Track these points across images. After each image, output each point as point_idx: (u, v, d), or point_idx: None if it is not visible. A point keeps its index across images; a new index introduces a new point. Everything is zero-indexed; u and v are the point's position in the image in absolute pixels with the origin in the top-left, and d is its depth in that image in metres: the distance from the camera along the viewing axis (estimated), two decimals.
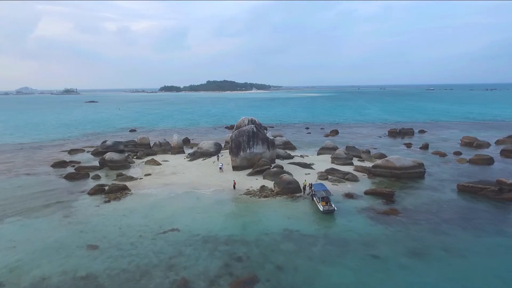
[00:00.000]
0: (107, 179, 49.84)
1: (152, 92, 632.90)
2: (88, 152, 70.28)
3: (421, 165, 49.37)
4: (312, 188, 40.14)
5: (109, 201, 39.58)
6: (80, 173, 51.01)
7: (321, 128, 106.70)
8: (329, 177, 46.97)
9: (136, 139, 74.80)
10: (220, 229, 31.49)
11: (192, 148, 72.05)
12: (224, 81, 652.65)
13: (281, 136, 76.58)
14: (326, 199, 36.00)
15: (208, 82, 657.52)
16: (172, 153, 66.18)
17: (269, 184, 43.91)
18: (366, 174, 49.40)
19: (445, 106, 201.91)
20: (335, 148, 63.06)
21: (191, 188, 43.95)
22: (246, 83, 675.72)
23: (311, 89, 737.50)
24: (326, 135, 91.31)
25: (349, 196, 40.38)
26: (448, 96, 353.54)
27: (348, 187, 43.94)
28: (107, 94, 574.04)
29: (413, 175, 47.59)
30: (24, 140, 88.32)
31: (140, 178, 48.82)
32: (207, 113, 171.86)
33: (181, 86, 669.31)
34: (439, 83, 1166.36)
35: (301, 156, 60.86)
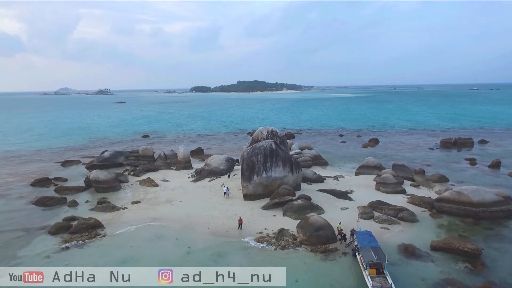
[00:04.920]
0: (86, 206, 39.41)
1: (183, 92, 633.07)
2: (83, 164, 60.66)
3: (508, 199, 35.06)
4: (355, 237, 27.38)
5: (67, 248, 28.68)
6: (55, 198, 40.78)
7: (358, 136, 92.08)
8: (376, 214, 33.79)
9: (139, 150, 64.21)
10: None
11: (203, 160, 60.50)
12: (255, 81, 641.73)
13: (310, 148, 63.65)
14: (377, 265, 23.09)
15: (239, 82, 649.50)
16: (177, 169, 55.14)
17: (291, 224, 31.48)
18: (426, 210, 35.73)
19: (503, 109, 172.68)
20: (379, 167, 49.39)
21: (184, 227, 32.30)
22: (276, 83, 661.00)
23: (344, 89, 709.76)
24: (365, 145, 77.09)
25: (409, 251, 27.00)
26: (501, 96, 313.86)
27: (404, 233, 30.55)
28: (139, 95, 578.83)
29: (497, 214, 33.35)
30: (25, 146, 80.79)
31: (124, 208, 37.76)
32: (230, 117, 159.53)
33: (212, 87, 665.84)
34: (481, 82, 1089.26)
35: (335, 177, 47.69)
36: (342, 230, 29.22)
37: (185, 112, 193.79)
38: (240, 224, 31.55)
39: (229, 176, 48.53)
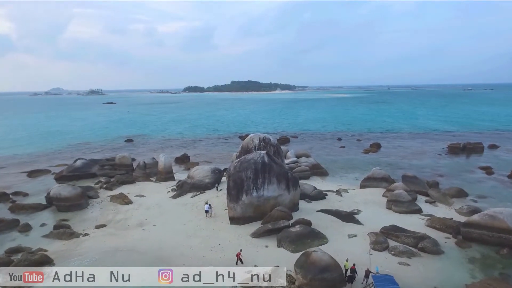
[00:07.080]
0: (40, 231, 32.81)
1: (176, 92, 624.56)
2: (53, 174, 53.84)
3: None
4: (371, 281, 21.22)
5: None
6: (4, 221, 33.98)
7: (358, 140, 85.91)
8: (391, 244, 27.56)
9: (116, 158, 57.30)
10: None
11: (188, 170, 53.91)
12: (249, 81, 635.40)
13: (307, 155, 57.36)
14: None
15: (233, 82, 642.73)
16: (157, 180, 48.61)
17: (288, 259, 25.10)
18: (450, 236, 29.59)
19: (507, 110, 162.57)
20: (387, 179, 43.27)
21: (154, 262, 25.63)
22: (270, 83, 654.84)
23: (339, 90, 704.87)
24: (366, 151, 71.01)
25: None
26: (498, 96, 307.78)
27: (429, 270, 24.31)
28: (130, 95, 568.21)
29: None
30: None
31: (85, 234, 31.12)
32: (222, 119, 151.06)
33: (205, 87, 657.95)
34: (476, 82, 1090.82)
35: (338, 192, 41.40)
36: (354, 265, 22.92)
37: (174, 114, 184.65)
38: (239, 258, 25.06)
39: (217, 188, 42.39)
